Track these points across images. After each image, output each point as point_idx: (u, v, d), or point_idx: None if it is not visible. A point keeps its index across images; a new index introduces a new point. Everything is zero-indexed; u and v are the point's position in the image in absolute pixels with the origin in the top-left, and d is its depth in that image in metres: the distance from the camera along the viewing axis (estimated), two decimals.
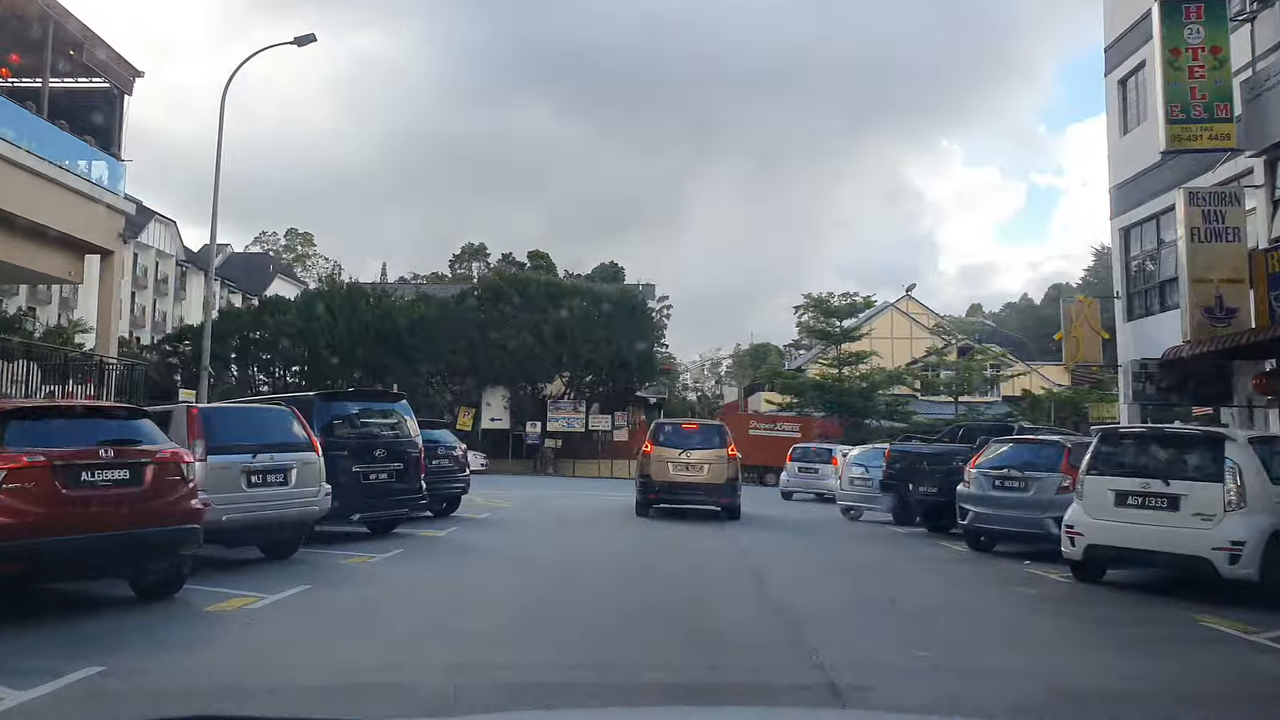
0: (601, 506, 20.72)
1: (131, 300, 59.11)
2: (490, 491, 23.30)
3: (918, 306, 60.57)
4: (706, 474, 15.67)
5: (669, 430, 16.74)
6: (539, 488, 28.28)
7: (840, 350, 42.39)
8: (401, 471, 11.68)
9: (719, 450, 15.86)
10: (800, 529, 17.05)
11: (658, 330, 43.09)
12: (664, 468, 15.76)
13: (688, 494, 15.86)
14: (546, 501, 21.91)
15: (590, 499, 23.23)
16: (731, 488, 15.86)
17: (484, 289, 42.19)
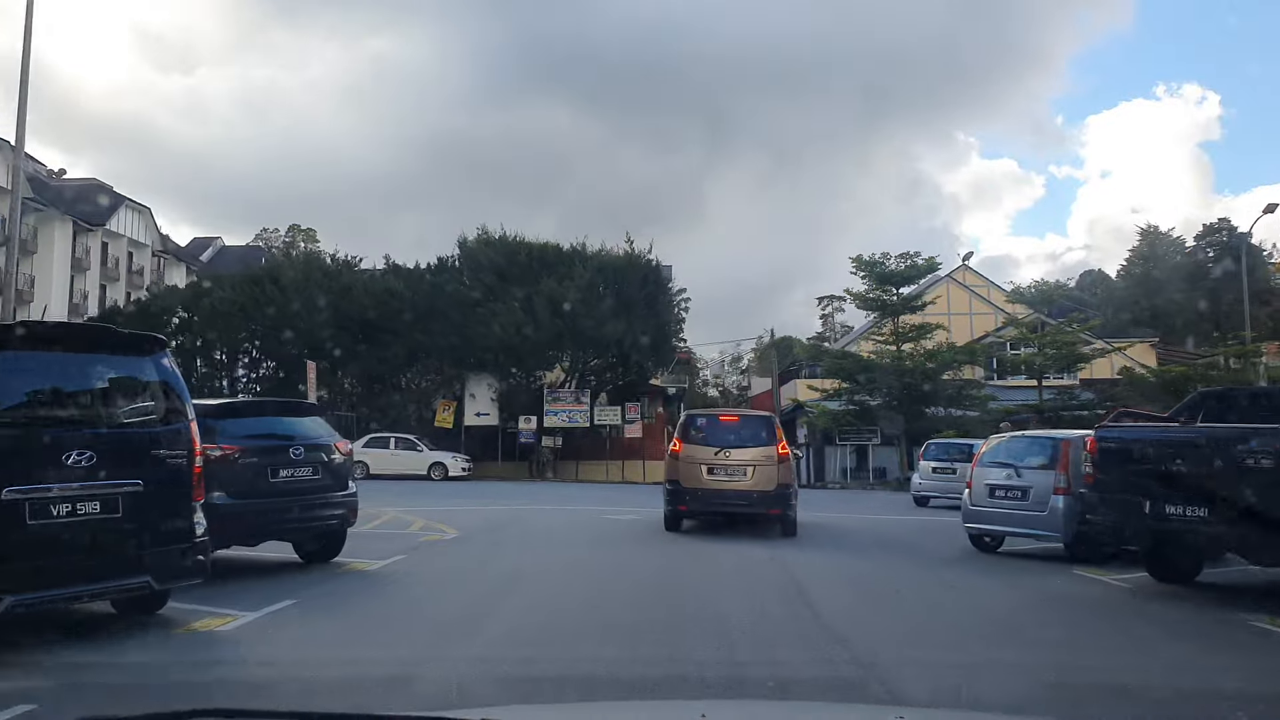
0: (602, 530, 14.13)
1: (102, 292, 54.27)
2: (452, 507, 17.06)
3: (976, 278, 53.70)
4: (750, 478, 12.88)
5: (703, 424, 13.87)
6: (527, 498, 21.91)
7: (898, 323, 35.49)
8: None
9: (766, 448, 12.99)
10: (889, 557, 11.91)
11: (678, 314, 36.32)
12: (696, 471, 12.96)
13: (727, 503, 13.15)
14: (526, 522, 15.53)
15: (589, 515, 16.95)
16: (783, 496, 12.99)
17: (464, 256, 35.54)
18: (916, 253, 35.66)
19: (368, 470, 31.71)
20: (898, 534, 15.88)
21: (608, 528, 14.51)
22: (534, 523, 15.17)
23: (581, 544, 12.57)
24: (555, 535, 13.61)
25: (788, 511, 13.05)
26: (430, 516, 15.13)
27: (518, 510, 17.56)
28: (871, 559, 12.03)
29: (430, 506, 17.94)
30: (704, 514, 13.63)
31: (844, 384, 35.83)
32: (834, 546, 13.28)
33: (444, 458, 32.11)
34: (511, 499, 21.54)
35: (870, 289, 36.34)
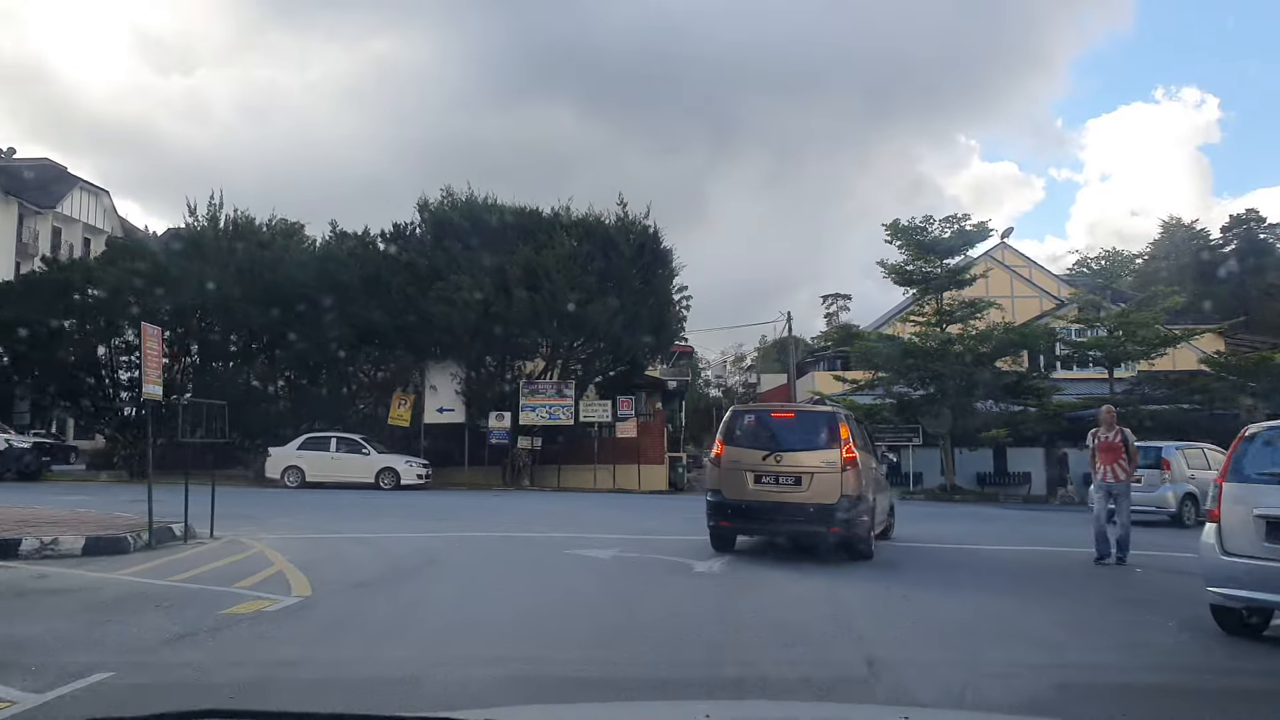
0: (554, 587, 8.94)
1: None
2: (363, 532, 12.60)
3: (1017, 258, 48.45)
4: (807, 488, 10.44)
5: (750, 422, 11.51)
6: (480, 518, 17.26)
7: (942, 301, 30.22)
8: None
9: (827, 451, 10.57)
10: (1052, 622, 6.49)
11: (678, 312, 31.19)
12: (741, 479, 10.68)
13: (778, 518, 10.65)
14: (443, 567, 11.17)
15: (551, 550, 11.99)
16: (849, 509, 10.33)
17: (426, 221, 30.22)
18: (964, 215, 30.43)
19: (303, 477, 26.78)
20: (1032, 565, 10.66)
21: (569, 580, 9.18)
22: (452, 571, 9.87)
23: (500, 628, 7.26)
24: (467, 606, 8.23)
25: (854, 530, 10.53)
26: (307, 554, 10.22)
27: (449, 541, 12.33)
28: (1031, 629, 6.78)
29: (329, 532, 12.90)
30: (751, 531, 11.46)
31: (880, 374, 30.51)
32: (945, 586, 8.12)
33: (395, 462, 26.92)
34: (457, 519, 16.33)
35: (909, 259, 31.01)
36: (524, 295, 27.90)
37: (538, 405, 29.73)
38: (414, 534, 13.31)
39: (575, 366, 31.61)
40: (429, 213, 30.89)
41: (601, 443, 31.42)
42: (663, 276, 31.09)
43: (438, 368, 29.99)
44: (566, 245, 28.67)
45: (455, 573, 9.66)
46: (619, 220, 30.70)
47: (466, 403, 29.84)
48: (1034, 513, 23.65)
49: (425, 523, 15.14)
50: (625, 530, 14.25)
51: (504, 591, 8.51)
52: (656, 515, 18.25)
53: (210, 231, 30.33)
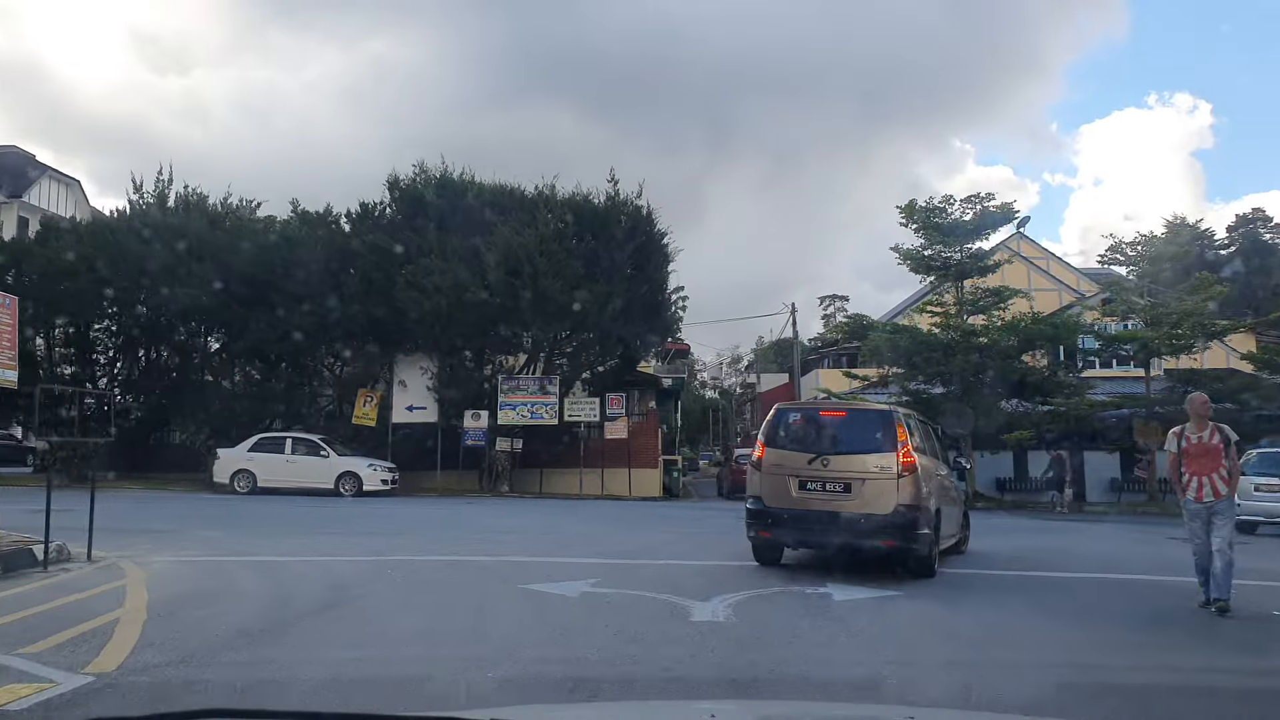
0: (523, 636, 6.03)
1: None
2: (273, 554, 11.34)
3: (1033, 249, 46.01)
4: (857, 496, 9.34)
5: (795, 421, 10.33)
6: (430, 533, 15.07)
7: (962, 290, 27.78)
8: None
9: (881, 454, 9.45)
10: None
11: (676, 312, 28.83)
12: (783, 485, 9.64)
13: (825, 529, 9.46)
14: (343, 610, 8.14)
15: (499, 582, 9.64)
16: (906, 520, 9.17)
17: (397, 200, 27.65)
18: (987, 195, 27.91)
19: (254, 482, 24.33)
20: (1149, 599, 8.13)
21: (513, 638, 6.64)
22: (350, 621, 7.26)
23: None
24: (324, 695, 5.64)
25: (912, 544, 9.40)
26: (185, 588, 7.99)
27: (379, 568, 9.83)
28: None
29: (242, 554, 10.56)
30: (795, 543, 10.25)
31: (895, 369, 28.01)
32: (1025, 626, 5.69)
33: (358, 466, 24.40)
34: (410, 535, 13.80)
35: (926, 244, 28.50)
36: (502, 280, 25.34)
37: (518, 403, 27.16)
38: (345, 556, 10.78)
39: (560, 361, 29.08)
40: (399, 191, 28.31)
41: (589, 444, 28.87)
42: (657, 262, 28.55)
43: (407, 361, 27.42)
44: (550, 226, 26.13)
45: (351, 625, 7.07)
46: (609, 200, 28.15)
47: (439, 400, 27.26)
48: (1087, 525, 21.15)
49: (370, 540, 12.60)
50: (608, 551, 11.72)
51: (404, 665, 5.93)
52: (648, 529, 15.71)
53: (156, 209, 27.71)
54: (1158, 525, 21.43)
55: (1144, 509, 26.62)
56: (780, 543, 10.13)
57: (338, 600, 7.71)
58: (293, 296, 26.04)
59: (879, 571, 9.64)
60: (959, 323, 26.69)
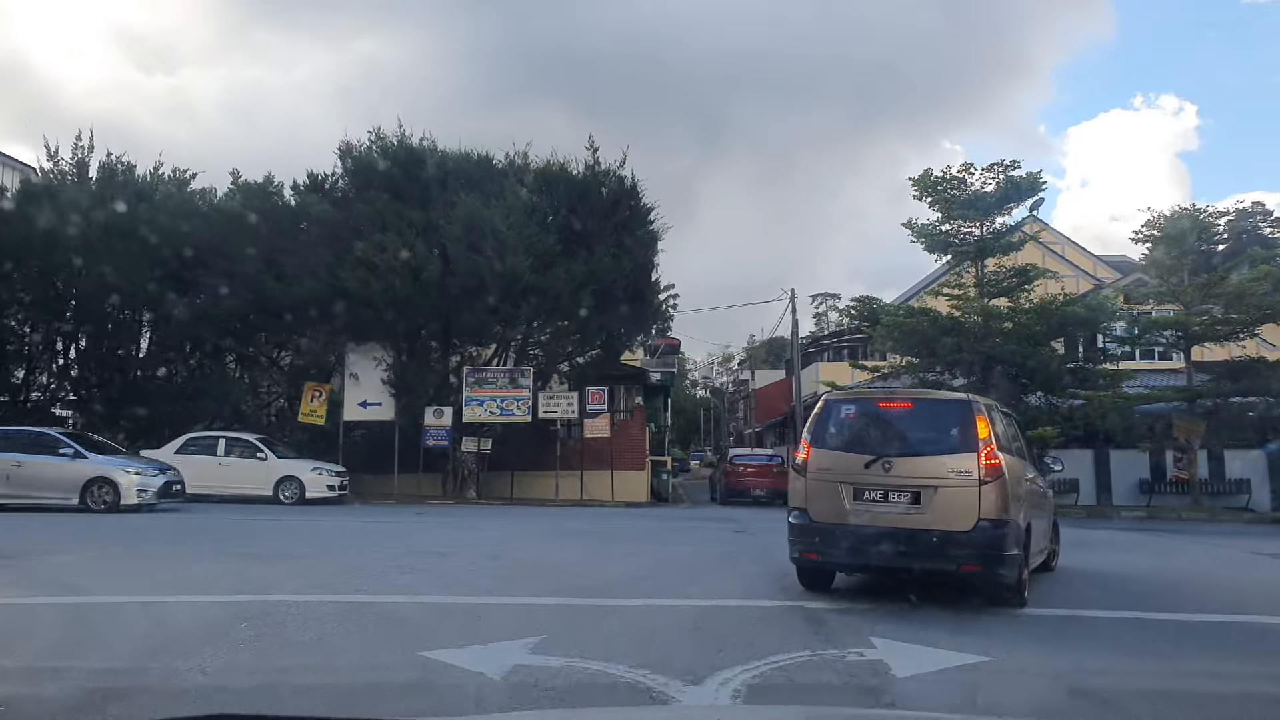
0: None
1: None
2: (101, 598, 7.21)
3: (1050, 234, 43.32)
4: (930, 508, 7.56)
5: (848, 416, 8.38)
6: (362, 548, 12.73)
7: (982, 270, 25.13)
8: None
9: (959, 455, 7.61)
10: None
11: (665, 307, 26.23)
12: (834, 494, 7.87)
13: (887, 550, 7.60)
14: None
15: (426, 632, 6.09)
16: (993, 539, 7.39)
17: (350, 170, 24.75)
18: (1012, 163, 25.12)
19: (183, 487, 21.23)
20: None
21: None
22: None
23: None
24: None
25: (997, 567, 7.37)
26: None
27: (232, 618, 7.07)
28: None
29: (53, 590, 8.04)
30: (849, 566, 8.31)
31: (909, 359, 25.27)
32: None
33: (300, 470, 21.62)
34: (319, 556, 11.02)
35: (943, 218, 25.76)
36: (465, 257, 22.47)
37: (486, 398, 24.29)
38: (210, 596, 7.94)
39: (534, 350, 26.22)
40: (352, 159, 25.38)
41: (567, 444, 26.08)
42: (642, 239, 25.70)
43: (360, 351, 24.53)
44: (521, 196, 23.25)
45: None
46: (588, 169, 25.29)
47: (396, 395, 24.37)
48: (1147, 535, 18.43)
49: (266, 567, 9.75)
50: (569, 584, 8.90)
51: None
52: (628, 546, 12.88)
53: (75, 179, 24.71)
54: (1224, 535, 18.77)
55: (1188, 514, 23.95)
56: (830, 566, 8.30)
57: (103, 685, 4.82)
58: (228, 277, 23.11)
59: (948, 604, 7.41)
60: (981, 305, 23.93)
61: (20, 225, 22.89)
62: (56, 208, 23.03)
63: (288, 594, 8.00)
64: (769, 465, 29.48)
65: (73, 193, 23.79)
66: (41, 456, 17.96)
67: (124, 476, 17.61)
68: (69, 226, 22.51)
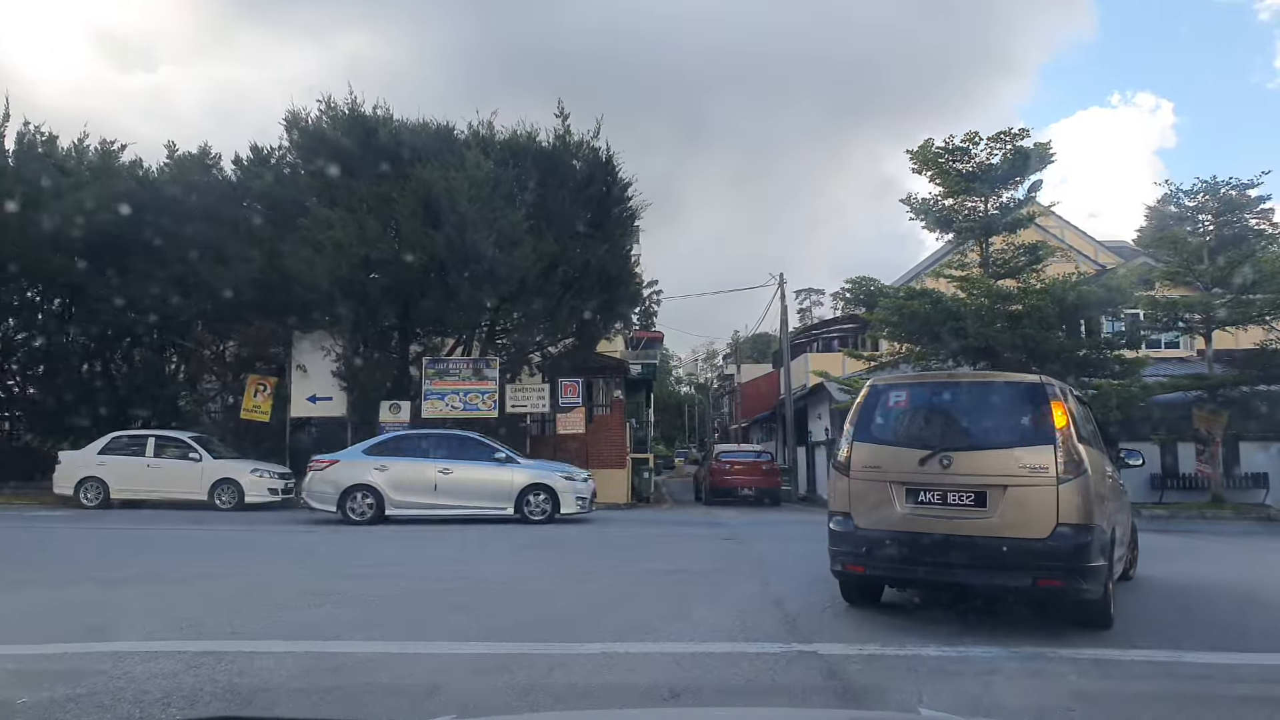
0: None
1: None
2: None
3: (1047, 217, 41.61)
4: (998, 511, 6.53)
5: (899, 402, 7.30)
6: (278, 565, 10.74)
7: (987, 248, 23.38)
8: None
9: (1032, 448, 6.53)
10: None
11: (646, 301, 24.36)
12: (884, 496, 6.88)
13: (947, 561, 6.55)
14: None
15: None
16: (1074, 547, 6.30)
17: (297, 141, 22.65)
18: (1021, 131, 23.31)
19: (105, 493, 19.60)
20: None
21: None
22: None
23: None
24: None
25: (1081, 582, 6.22)
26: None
27: None
28: None
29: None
30: (903, 580, 7.24)
31: (910, 346, 23.42)
32: None
33: (238, 472, 19.59)
34: (194, 581, 8.99)
35: (946, 193, 23.93)
36: (421, 235, 20.41)
37: (448, 391, 22.25)
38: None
39: (501, 339, 24.18)
40: (299, 130, 23.24)
41: (538, 441, 24.11)
42: (619, 217, 23.72)
43: (308, 341, 22.43)
44: (484, 168, 21.19)
45: None
46: (558, 140, 23.27)
47: (348, 389, 22.29)
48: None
49: (117, 597, 7.73)
50: (508, 620, 6.95)
51: None
52: (594, 560, 10.92)
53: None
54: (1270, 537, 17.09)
55: (1211, 512, 22.21)
56: (879, 579, 7.35)
57: None
58: (158, 259, 20.99)
59: (1014, 632, 6.40)
60: (988, 285, 22.07)
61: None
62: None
63: (131, 640, 6.00)
64: (757, 462, 27.60)
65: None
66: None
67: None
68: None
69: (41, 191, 21.18)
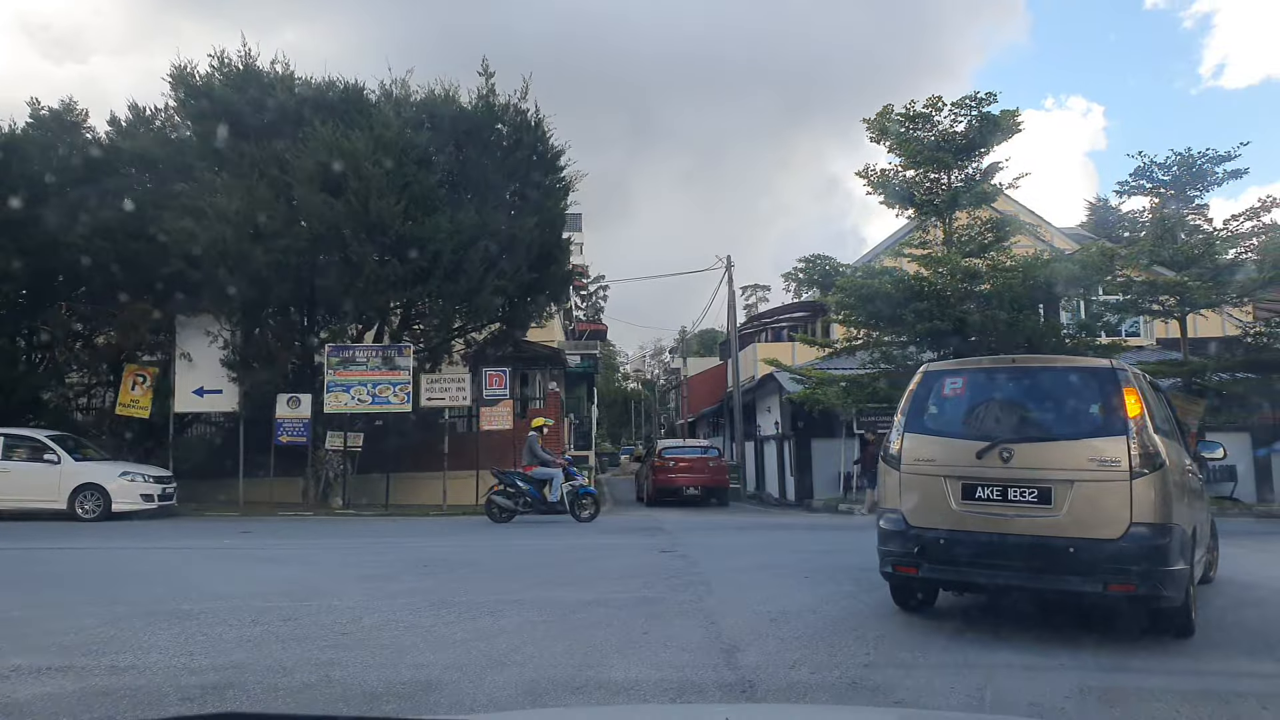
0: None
1: None
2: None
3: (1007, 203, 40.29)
4: (1065, 509, 6.03)
5: (955, 389, 6.87)
6: (94, 597, 7.47)
7: (949, 224, 21.68)
8: None
9: (1106, 440, 6.03)
10: None
11: (574, 275, 22.50)
12: (938, 492, 6.47)
13: (1007, 562, 6.13)
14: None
15: None
16: (1151, 549, 5.76)
17: (184, 100, 20.00)
18: (989, 95, 21.52)
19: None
20: None
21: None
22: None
23: None
24: None
25: (1159, 588, 5.72)
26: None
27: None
28: None
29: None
30: (959, 584, 6.67)
31: (868, 331, 21.51)
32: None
33: (105, 475, 17.05)
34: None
35: (907, 164, 22.08)
36: (318, 201, 17.91)
37: (354, 383, 19.76)
38: None
39: (418, 324, 21.74)
40: (187, 88, 20.53)
41: (459, 439, 21.74)
42: (551, 187, 21.41)
43: (193, 326, 19.77)
44: (392, 127, 18.74)
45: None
46: (481, 100, 20.88)
47: (240, 380, 19.70)
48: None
49: None
50: (354, 688, 4.67)
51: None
52: (499, 587, 8.68)
53: None
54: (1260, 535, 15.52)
55: None
56: (932, 583, 6.83)
57: None
58: (23, 230, 18.22)
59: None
60: (956, 261, 20.21)
61: None
62: None
63: None
64: (704, 459, 25.54)
65: None
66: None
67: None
68: None
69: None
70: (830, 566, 10.01)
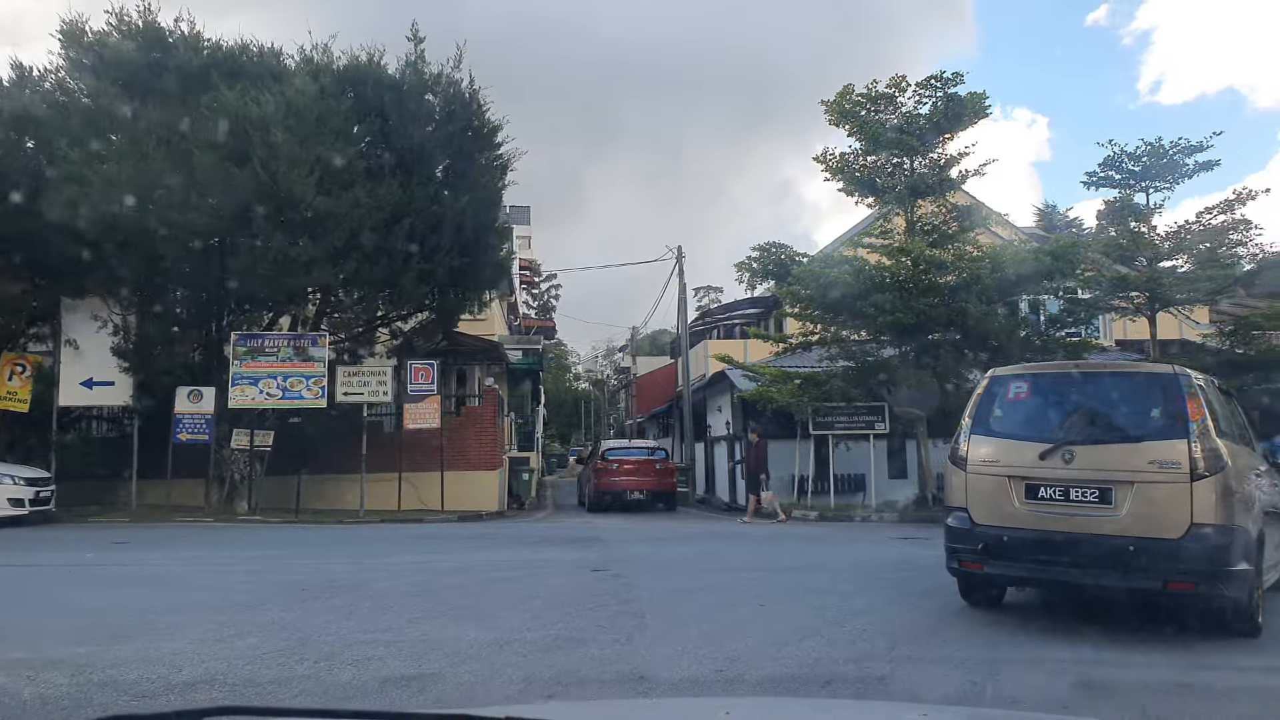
0: None
1: None
2: None
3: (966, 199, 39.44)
4: (1125, 509, 6.26)
5: (1019, 393, 7.09)
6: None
7: (913, 213, 20.55)
8: None
9: (1167, 443, 6.22)
10: None
11: (509, 260, 20.94)
12: (1002, 491, 6.70)
13: (1069, 561, 6.34)
14: None
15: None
16: (1212, 549, 5.94)
17: (76, 59, 18.00)
18: (955, 75, 20.35)
19: None
20: None
21: None
22: None
23: None
24: None
25: (1220, 586, 5.92)
26: None
27: None
28: None
29: None
30: (1022, 579, 7.00)
31: (829, 326, 20.21)
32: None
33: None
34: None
35: (868, 149, 20.82)
36: (220, 172, 16.05)
37: (262, 375, 17.94)
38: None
39: (334, 312, 19.94)
40: (79, 48, 18.51)
41: (382, 439, 19.98)
42: (487, 165, 19.77)
43: (80, 310, 17.78)
44: (307, 92, 16.96)
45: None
46: (409, 67, 19.15)
47: (133, 371, 17.75)
48: None
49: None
50: None
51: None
52: (385, 622, 7.07)
53: None
54: None
55: None
56: (997, 581, 7.07)
57: None
58: None
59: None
60: (921, 249, 18.94)
61: None
62: None
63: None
64: (649, 460, 24.07)
65: None
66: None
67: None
68: None
69: None
70: (786, 589, 8.59)
